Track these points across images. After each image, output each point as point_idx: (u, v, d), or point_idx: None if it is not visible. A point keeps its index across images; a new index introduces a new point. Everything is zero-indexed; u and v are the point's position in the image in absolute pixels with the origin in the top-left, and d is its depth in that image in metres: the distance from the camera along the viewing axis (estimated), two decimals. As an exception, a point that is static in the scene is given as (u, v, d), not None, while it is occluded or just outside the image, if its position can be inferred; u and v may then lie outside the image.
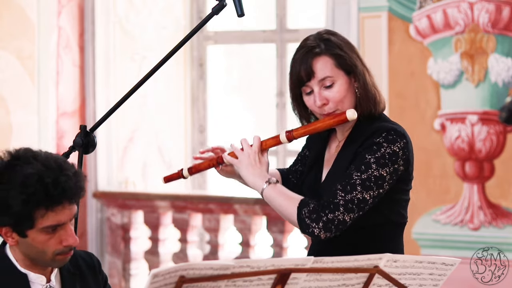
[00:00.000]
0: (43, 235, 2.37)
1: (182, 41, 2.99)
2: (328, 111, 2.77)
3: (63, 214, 2.37)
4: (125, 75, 6.08)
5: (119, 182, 6.15)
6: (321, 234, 2.68)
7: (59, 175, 2.35)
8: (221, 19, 3.43)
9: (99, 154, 6.01)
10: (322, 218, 2.68)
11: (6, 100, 5.49)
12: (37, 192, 2.32)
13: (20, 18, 5.53)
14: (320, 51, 2.77)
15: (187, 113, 6.47)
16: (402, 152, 2.72)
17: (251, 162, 2.82)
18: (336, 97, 2.76)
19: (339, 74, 2.77)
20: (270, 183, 2.79)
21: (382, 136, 2.72)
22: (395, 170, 2.71)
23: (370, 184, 2.68)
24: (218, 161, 2.95)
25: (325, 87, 2.76)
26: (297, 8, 6.18)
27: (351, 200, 2.67)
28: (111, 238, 6.08)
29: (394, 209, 2.80)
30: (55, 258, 2.41)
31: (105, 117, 2.98)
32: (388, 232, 2.82)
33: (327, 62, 2.76)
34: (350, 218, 2.68)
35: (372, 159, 2.70)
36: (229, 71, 6.84)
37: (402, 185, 2.80)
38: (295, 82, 2.80)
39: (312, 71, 2.76)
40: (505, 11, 5.01)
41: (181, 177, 3.06)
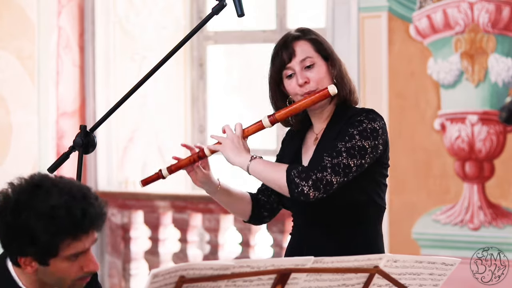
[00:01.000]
0: (65, 263, 2.32)
1: (182, 41, 2.99)
2: (309, 89, 2.89)
3: (87, 241, 2.33)
4: (125, 75, 6.08)
5: (119, 182, 6.15)
6: (310, 192, 2.75)
7: (86, 206, 2.30)
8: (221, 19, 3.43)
9: (99, 154, 6.01)
10: (311, 176, 2.76)
11: (6, 100, 5.49)
12: (66, 223, 2.26)
13: (20, 18, 5.53)
14: (300, 36, 2.95)
15: (187, 113, 6.47)
16: (381, 130, 2.85)
17: (235, 144, 2.87)
18: (316, 77, 2.89)
19: (318, 58, 2.91)
20: (255, 158, 2.85)
21: (363, 115, 2.86)
22: (375, 146, 2.83)
23: (354, 152, 2.79)
24: (199, 155, 2.94)
25: (306, 67, 2.90)
26: (297, 8, 6.18)
27: (337, 163, 2.77)
28: (111, 238, 6.08)
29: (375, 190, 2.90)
30: (74, 284, 2.37)
31: (105, 117, 2.98)
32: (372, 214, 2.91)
33: (307, 45, 2.92)
34: (336, 181, 2.77)
35: (355, 131, 2.82)
36: (229, 71, 6.84)
37: (382, 169, 2.91)
38: (277, 66, 2.93)
39: (294, 51, 2.91)
40: (505, 11, 5.00)
41: (160, 178, 3.02)
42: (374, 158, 2.85)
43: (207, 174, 2.99)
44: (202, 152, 2.94)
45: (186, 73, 6.46)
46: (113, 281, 6.07)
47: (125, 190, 6.10)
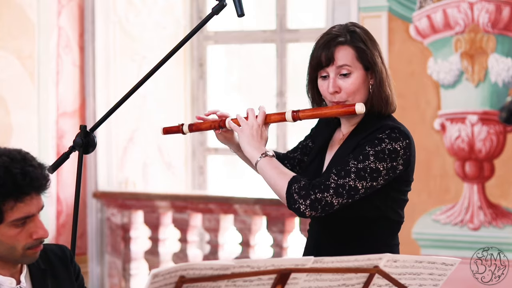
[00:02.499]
0: (12, 229, 2.34)
1: (182, 41, 2.99)
2: (338, 99, 2.80)
3: (32, 205, 2.35)
4: (125, 75, 6.08)
5: (119, 182, 6.15)
6: (307, 211, 2.70)
7: (25, 166, 2.34)
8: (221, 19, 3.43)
9: (99, 154, 6.01)
10: (311, 196, 2.70)
11: (6, 100, 5.49)
12: (6, 184, 2.31)
13: (20, 18, 5.53)
14: (345, 41, 2.80)
15: (187, 113, 6.47)
16: (403, 151, 2.74)
17: (253, 133, 2.84)
18: (349, 88, 2.79)
19: (357, 67, 2.80)
20: (266, 156, 2.81)
21: (386, 133, 2.75)
22: (393, 167, 2.73)
23: (365, 174, 2.70)
24: (220, 124, 2.95)
25: (341, 74, 2.79)
26: (297, 8, 6.18)
27: (342, 185, 2.69)
28: (111, 238, 6.08)
29: (391, 206, 2.82)
30: (25, 253, 2.38)
31: (105, 117, 2.99)
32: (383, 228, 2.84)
33: (349, 53, 2.80)
34: (338, 203, 2.70)
35: (371, 151, 2.72)
36: (229, 71, 6.84)
37: (401, 186, 2.82)
38: (314, 65, 2.83)
39: (333, 57, 2.79)
40: (505, 11, 5.01)
41: (180, 132, 3.06)
42: (391, 179, 2.75)
43: (229, 137, 3.01)
44: (223, 122, 2.94)
45: (186, 73, 6.46)
46: (113, 281, 6.07)
47: (125, 190, 6.10)
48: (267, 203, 5.54)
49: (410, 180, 2.85)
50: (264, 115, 2.87)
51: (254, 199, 5.56)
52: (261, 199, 5.57)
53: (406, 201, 2.88)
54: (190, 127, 3.02)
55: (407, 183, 2.84)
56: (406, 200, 2.88)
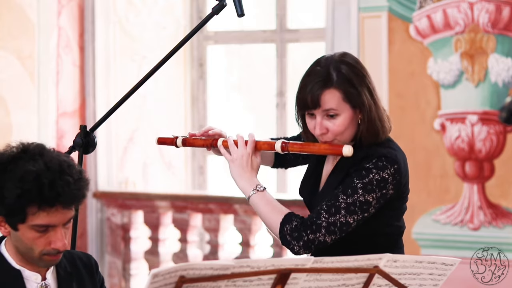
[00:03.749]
0: (33, 232, 2.36)
1: (182, 41, 2.99)
2: (326, 139, 2.78)
3: (55, 216, 2.35)
4: (125, 75, 6.08)
5: (119, 182, 6.15)
6: (301, 251, 2.73)
7: (57, 179, 2.33)
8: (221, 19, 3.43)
9: (99, 154, 6.01)
10: (303, 237, 2.71)
11: (6, 100, 5.49)
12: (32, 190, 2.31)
13: (20, 18, 5.53)
14: (330, 84, 2.74)
15: (187, 113, 6.47)
16: (392, 177, 2.72)
17: (243, 164, 2.83)
18: (336, 129, 2.76)
19: (344, 108, 2.75)
20: (257, 191, 2.81)
21: (372, 162, 2.72)
22: (382, 195, 2.72)
23: (355, 208, 2.69)
24: (212, 144, 2.97)
25: (328, 115, 2.75)
26: (297, 8, 6.18)
27: (333, 223, 2.69)
28: (111, 238, 6.08)
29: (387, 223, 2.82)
30: (42, 258, 2.39)
31: (105, 117, 2.99)
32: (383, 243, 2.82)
33: (335, 96, 2.74)
34: (331, 239, 2.72)
35: (359, 184, 2.70)
36: (229, 71, 6.84)
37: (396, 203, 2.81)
38: (300, 105, 2.80)
39: (318, 102, 2.74)
40: (505, 11, 5.00)
41: (173, 145, 3.06)
42: (382, 205, 2.74)
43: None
44: (215, 142, 2.96)
45: (186, 73, 6.45)
46: (113, 281, 6.07)
47: (125, 190, 6.10)
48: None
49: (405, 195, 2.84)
50: (253, 143, 2.85)
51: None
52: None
53: (404, 210, 2.87)
54: (183, 141, 3.04)
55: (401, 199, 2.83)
56: (404, 210, 2.87)
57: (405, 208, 2.86)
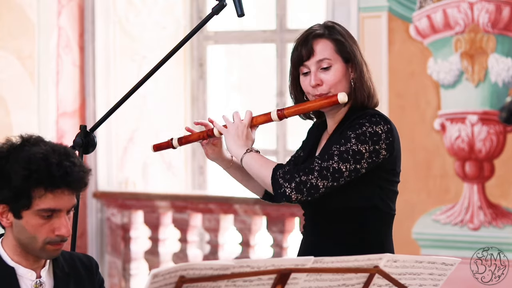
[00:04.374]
0: (37, 218, 2.36)
1: (182, 41, 2.99)
2: (321, 92, 2.85)
3: (61, 200, 2.36)
4: (125, 75, 6.08)
5: (119, 182, 6.15)
6: (292, 194, 2.74)
7: (64, 159, 2.36)
8: (221, 19, 3.43)
9: (99, 154, 6.01)
10: (295, 179, 2.74)
11: (6, 100, 5.49)
12: (40, 170, 2.33)
13: (20, 18, 5.53)
14: (323, 34, 2.86)
15: (187, 113, 6.47)
16: (385, 135, 2.79)
17: (238, 133, 2.88)
18: (330, 80, 2.84)
19: (337, 59, 2.85)
20: (250, 151, 2.85)
21: (366, 118, 2.80)
22: (375, 150, 2.77)
23: (348, 156, 2.74)
24: (208, 133, 2.98)
25: (322, 68, 2.84)
26: (297, 8, 6.18)
27: (326, 167, 2.73)
28: (111, 238, 6.08)
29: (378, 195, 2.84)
30: (45, 247, 2.39)
31: (105, 117, 2.99)
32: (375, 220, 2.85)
33: (328, 45, 2.85)
34: (323, 185, 2.73)
35: (352, 134, 2.77)
36: (229, 71, 6.84)
37: (388, 175, 2.86)
38: (295, 61, 2.89)
39: (313, 50, 2.84)
40: (505, 11, 5.01)
41: (170, 147, 3.07)
42: (375, 163, 2.79)
43: (218, 151, 3.04)
44: (211, 131, 2.98)
45: (186, 73, 6.46)
46: (113, 281, 6.07)
47: (125, 190, 6.10)
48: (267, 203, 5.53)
49: (398, 170, 2.89)
50: (250, 116, 2.92)
51: (254, 199, 5.55)
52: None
53: (396, 193, 2.90)
54: (179, 140, 3.05)
55: (394, 172, 2.87)
56: (396, 192, 2.90)
57: (397, 190, 2.90)
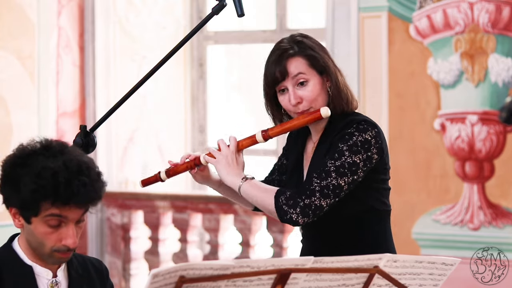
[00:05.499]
0: (45, 226, 2.37)
1: (182, 41, 2.99)
2: (302, 109, 2.86)
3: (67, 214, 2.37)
4: (125, 75, 6.08)
5: (119, 182, 6.15)
6: (299, 219, 2.76)
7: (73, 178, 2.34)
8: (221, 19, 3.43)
9: (99, 154, 6.01)
10: (299, 203, 2.76)
11: (6, 100, 5.49)
12: (47, 187, 2.33)
13: (20, 18, 5.53)
14: (294, 53, 2.87)
15: (187, 113, 6.47)
16: (374, 140, 2.81)
17: (228, 161, 2.89)
18: (309, 96, 2.85)
19: (312, 74, 2.86)
20: (246, 179, 2.86)
21: (353, 127, 2.81)
22: (368, 157, 2.79)
23: (344, 170, 2.76)
24: (195, 162, 2.98)
25: (299, 84, 2.85)
26: (297, 8, 6.18)
27: (326, 186, 2.75)
28: (111, 238, 6.08)
29: (374, 196, 2.87)
30: (52, 254, 2.40)
31: (105, 117, 2.98)
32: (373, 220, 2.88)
33: (301, 63, 2.87)
34: (326, 204, 2.76)
35: (344, 147, 2.78)
36: (229, 71, 6.84)
37: (379, 175, 2.88)
38: (269, 82, 2.93)
39: (286, 70, 2.86)
40: (505, 11, 5.01)
41: (158, 180, 3.06)
42: (369, 169, 2.82)
43: (206, 176, 3.05)
44: (198, 160, 2.98)
45: (186, 73, 6.46)
46: (113, 281, 6.03)
47: (125, 190, 6.10)
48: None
49: (387, 168, 2.91)
50: (235, 142, 2.92)
51: (254, 199, 5.54)
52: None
53: (388, 190, 2.93)
54: (167, 172, 3.04)
55: (384, 171, 2.89)
56: (388, 189, 2.93)
57: (389, 186, 2.93)
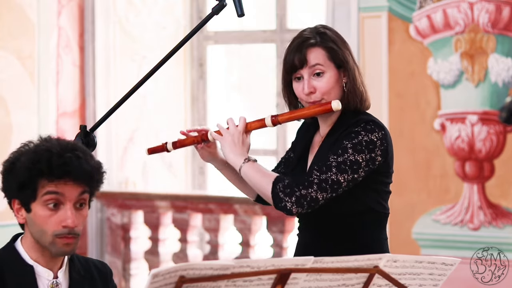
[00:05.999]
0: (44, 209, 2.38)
1: (182, 41, 2.99)
2: (314, 99, 2.87)
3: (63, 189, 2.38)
4: (125, 75, 6.09)
5: (119, 182, 6.15)
6: (293, 208, 2.77)
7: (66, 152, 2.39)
8: (221, 19, 3.43)
9: (99, 154, 6.01)
10: (295, 193, 2.76)
11: (6, 100, 5.49)
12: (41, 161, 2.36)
13: (20, 18, 5.53)
14: (315, 43, 2.87)
15: (187, 113, 6.47)
16: (380, 142, 2.81)
17: (234, 140, 2.89)
18: (323, 87, 2.86)
19: (330, 66, 2.87)
20: (248, 161, 2.87)
21: (361, 126, 2.82)
22: (371, 158, 2.79)
23: (345, 167, 2.77)
24: (202, 138, 2.98)
25: (315, 74, 2.86)
26: (297, 8, 6.19)
27: (325, 179, 2.76)
28: (111, 238, 6.08)
29: (374, 198, 2.87)
30: (54, 241, 2.40)
31: (105, 117, 2.98)
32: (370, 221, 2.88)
33: (320, 53, 2.87)
34: (322, 198, 2.77)
35: (349, 144, 2.79)
36: (229, 71, 6.84)
37: (382, 177, 2.88)
38: (287, 68, 2.93)
39: (305, 59, 2.86)
40: (505, 11, 5.01)
41: (165, 150, 3.08)
42: (371, 170, 2.81)
43: (213, 153, 3.04)
44: (205, 136, 2.98)
45: (186, 73, 6.46)
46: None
47: (125, 190, 6.10)
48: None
49: (391, 171, 2.90)
50: (244, 122, 2.92)
51: (254, 199, 5.55)
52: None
53: (389, 193, 2.93)
54: (174, 144, 3.05)
55: (387, 174, 2.89)
56: (389, 192, 2.93)
57: (390, 190, 2.93)
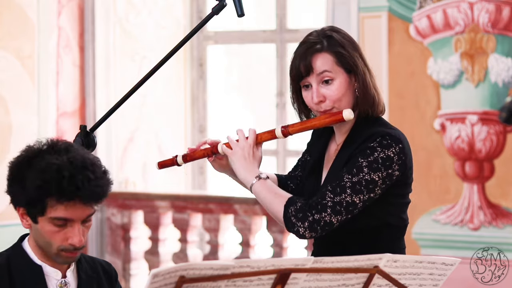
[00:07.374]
0: (51, 226, 2.37)
1: (182, 41, 2.98)
2: (324, 108, 2.73)
3: (73, 211, 2.36)
4: (125, 75, 6.08)
5: (119, 182, 6.15)
6: (306, 233, 2.66)
7: (77, 173, 2.34)
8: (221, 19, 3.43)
9: (99, 154, 6.01)
10: (308, 218, 2.64)
11: (6, 100, 5.49)
12: (51, 182, 2.33)
13: (20, 18, 5.53)
14: (321, 48, 2.73)
15: (187, 113, 6.47)
16: (397, 157, 2.66)
17: (245, 155, 2.78)
18: (333, 95, 2.71)
19: (338, 72, 2.72)
20: (260, 179, 2.76)
21: (377, 141, 2.67)
22: (388, 175, 2.66)
23: (361, 187, 2.63)
24: (213, 151, 2.90)
25: (324, 82, 2.71)
26: (297, 8, 6.19)
27: (339, 202, 2.63)
28: (111, 238, 6.08)
29: (391, 212, 2.75)
30: (59, 253, 2.40)
31: (105, 117, 2.98)
32: (386, 235, 2.76)
33: (328, 59, 2.72)
34: (337, 220, 2.64)
35: (364, 162, 2.64)
36: (229, 71, 6.84)
37: (400, 190, 2.75)
38: (294, 76, 2.76)
39: (311, 66, 2.71)
40: (505, 11, 5.01)
41: (175, 164, 3.01)
42: (388, 186, 2.68)
43: (225, 164, 2.92)
44: (215, 148, 2.89)
45: (186, 73, 6.46)
46: (113, 281, 6.07)
47: (125, 190, 6.10)
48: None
49: (410, 181, 2.77)
50: (254, 135, 2.81)
51: (254, 199, 5.47)
52: (261, 199, 5.56)
53: (407, 204, 2.80)
54: (184, 157, 2.98)
55: (406, 185, 2.76)
56: (408, 202, 2.80)
57: (409, 199, 2.80)
